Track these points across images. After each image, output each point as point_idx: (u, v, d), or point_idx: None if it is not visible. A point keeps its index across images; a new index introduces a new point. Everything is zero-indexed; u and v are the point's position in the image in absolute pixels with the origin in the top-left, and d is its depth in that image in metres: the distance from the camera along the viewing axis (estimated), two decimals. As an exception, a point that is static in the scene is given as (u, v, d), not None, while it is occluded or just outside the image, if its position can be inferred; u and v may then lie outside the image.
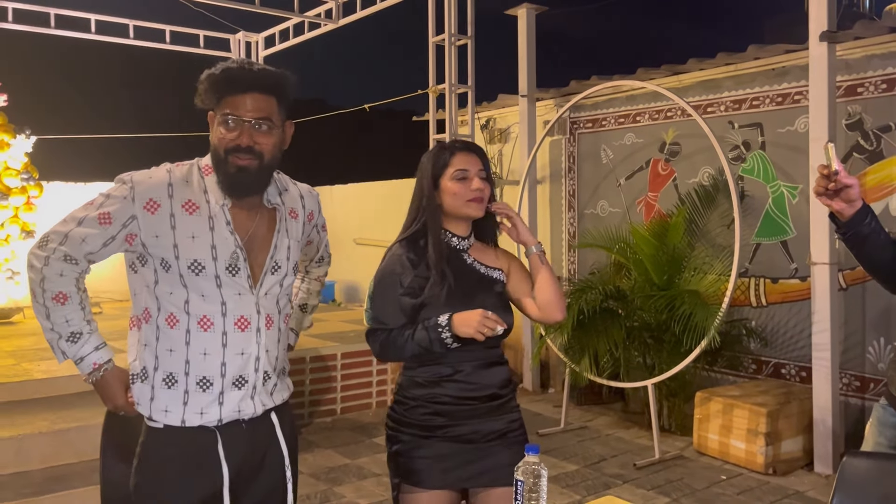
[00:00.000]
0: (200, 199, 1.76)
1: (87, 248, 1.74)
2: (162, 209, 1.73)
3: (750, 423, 4.49)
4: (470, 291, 2.05)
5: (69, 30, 8.60)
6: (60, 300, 1.74)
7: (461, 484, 2.06)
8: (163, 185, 1.75)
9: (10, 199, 7.76)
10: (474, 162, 2.08)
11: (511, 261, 2.22)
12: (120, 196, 1.74)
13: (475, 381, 2.04)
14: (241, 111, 1.72)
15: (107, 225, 1.73)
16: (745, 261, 5.43)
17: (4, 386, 4.47)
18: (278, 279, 1.86)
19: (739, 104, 5.54)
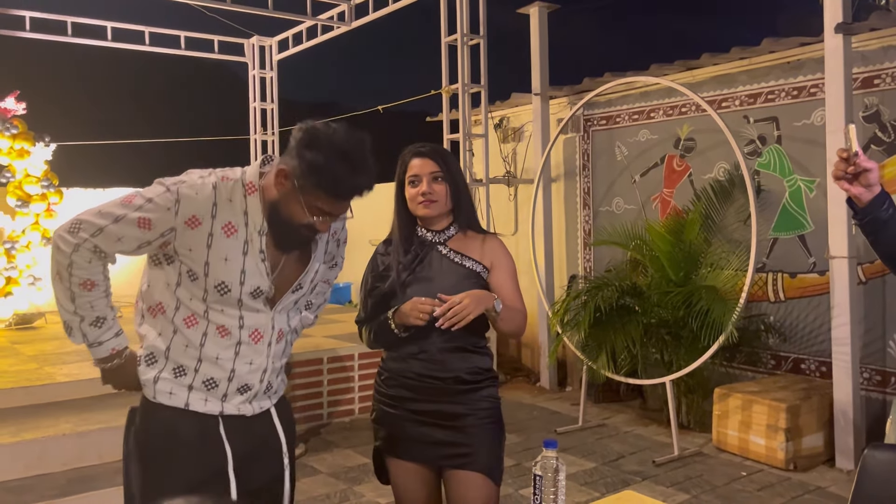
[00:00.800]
0: (240, 220, 1.75)
1: (120, 247, 1.75)
2: (202, 227, 1.72)
3: (770, 418, 4.46)
4: (439, 280, 2.20)
5: (86, 37, 8.71)
6: (88, 286, 1.76)
7: (431, 461, 2.22)
8: (208, 203, 1.73)
9: (31, 206, 7.87)
10: (426, 165, 2.23)
11: (496, 258, 2.29)
12: (163, 206, 1.71)
13: (439, 362, 2.18)
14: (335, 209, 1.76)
15: (146, 230, 1.71)
16: (763, 256, 5.39)
17: (28, 390, 4.54)
18: (295, 297, 1.91)
19: (754, 98, 5.51)
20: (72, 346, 6.63)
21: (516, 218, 7.53)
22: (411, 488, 2.26)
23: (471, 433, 2.19)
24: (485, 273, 2.27)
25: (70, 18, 8.48)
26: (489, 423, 2.23)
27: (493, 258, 2.29)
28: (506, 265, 2.30)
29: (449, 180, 2.25)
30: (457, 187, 2.27)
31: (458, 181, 2.28)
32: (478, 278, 2.25)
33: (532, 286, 6.90)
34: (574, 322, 5.30)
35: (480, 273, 2.26)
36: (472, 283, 2.22)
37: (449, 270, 2.24)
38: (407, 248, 2.27)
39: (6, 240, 7.80)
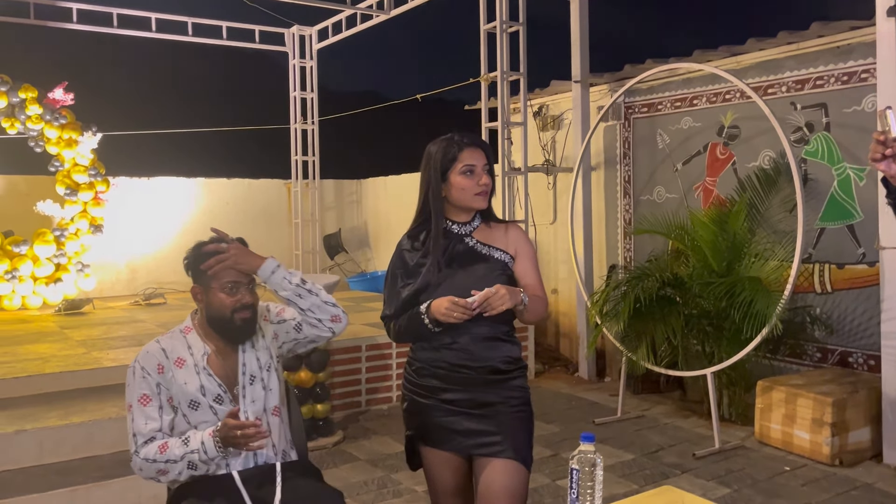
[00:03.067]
0: (185, 354, 2.28)
1: (152, 426, 2.21)
2: (167, 369, 2.25)
3: (815, 412, 4.36)
4: (469, 272, 2.23)
5: (131, 29, 8.88)
6: (164, 449, 2.18)
7: (462, 450, 2.25)
8: (158, 352, 2.27)
9: (79, 194, 8.07)
10: (480, 157, 2.25)
11: (519, 246, 2.31)
12: (139, 377, 2.24)
13: (472, 352, 2.21)
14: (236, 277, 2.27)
15: (149, 401, 2.22)
16: (809, 246, 5.26)
17: (76, 374, 4.67)
18: (259, 385, 2.32)
19: (802, 84, 5.35)
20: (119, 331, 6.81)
21: (555, 207, 7.47)
22: (443, 476, 2.30)
23: (501, 421, 2.21)
24: (511, 262, 2.29)
25: (116, 10, 8.65)
26: (519, 411, 2.26)
27: (517, 246, 2.31)
28: (528, 253, 2.33)
29: (493, 174, 2.30)
30: (493, 184, 2.31)
31: (487, 167, 2.30)
32: (505, 268, 2.27)
33: (571, 276, 6.85)
34: (614, 313, 5.24)
35: (507, 263, 2.28)
36: (499, 273, 2.24)
37: (477, 261, 2.26)
38: (438, 243, 2.26)
39: (55, 227, 8.03)
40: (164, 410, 2.24)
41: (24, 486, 3.64)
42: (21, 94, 7.70)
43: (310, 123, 10.04)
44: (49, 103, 7.88)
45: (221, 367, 2.30)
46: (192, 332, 2.33)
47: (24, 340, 5.89)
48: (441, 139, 2.32)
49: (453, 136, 2.30)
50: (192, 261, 2.30)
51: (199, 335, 2.32)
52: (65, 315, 7.44)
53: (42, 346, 5.61)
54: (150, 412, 2.22)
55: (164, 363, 2.26)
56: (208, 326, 2.32)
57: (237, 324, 2.27)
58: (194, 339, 2.32)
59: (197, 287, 2.30)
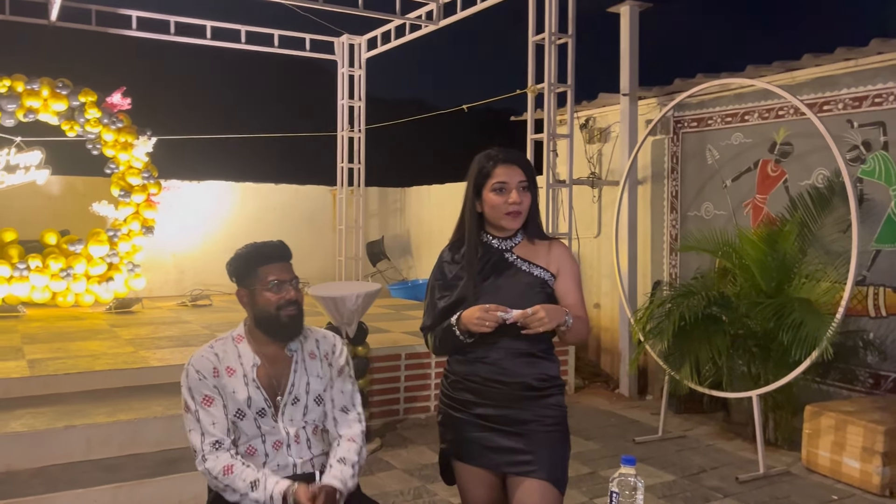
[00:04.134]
0: (236, 363, 2.30)
1: (220, 426, 2.24)
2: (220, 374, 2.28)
3: (865, 440, 4.22)
4: (508, 288, 2.20)
5: (187, 36, 9.11)
6: (228, 472, 2.20)
7: (494, 467, 2.22)
8: (212, 356, 2.29)
9: (133, 196, 8.30)
10: (514, 174, 2.19)
11: (562, 264, 2.27)
12: (195, 379, 2.26)
13: (505, 367, 2.18)
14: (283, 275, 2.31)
15: (212, 402, 2.25)
16: (863, 268, 5.10)
17: (124, 372, 4.79)
18: (300, 407, 2.33)
19: (860, 102, 5.21)
20: (166, 331, 6.98)
21: (600, 220, 7.40)
22: (475, 492, 2.28)
23: (535, 440, 2.18)
24: (551, 280, 2.25)
25: (173, 18, 8.88)
26: (554, 431, 2.22)
27: (560, 264, 2.27)
28: (571, 271, 2.28)
29: (532, 190, 2.24)
30: (535, 196, 2.26)
31: (535, 190, 2.26)
32: (545, 286, 2.24)
33: (614, 291, 6.77)
34: (657, 330, 5.16)
35: (548, 280, 2.24)
36: (539, 291, 2.21)
37: (517, 278, 2.24)
38: (473, 260, 2.26)
39: (109, 228, 8.26)
40: (227, 409, 2.26)
41: (71, 480, 3.74)
42: (81, 97, 7.96)
43: (356, 131, 10.15)
44: (107, 107, 8.13)
45: (269, 378, 2.32)
46: (244, 342, 2.35)
47: (75, 337, 6.07)
48: (482, 153, 2.30)
49: (492, 150, 2.27)
50: (238, 263, 2.32)
51: (250, 345, 2.34)
52: (115, 313, 7.65)
53: (92, 343, 5.77)
54: (214, 412, 2.24)
55: (218, 367, 2.28)
56: (257, 330, 2.33)
57: (283, 321, 2.28)
58: (245, 349, 2.33)
59: (242, 290, 2.32)
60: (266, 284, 2.27)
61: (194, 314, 7.69)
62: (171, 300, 8.71)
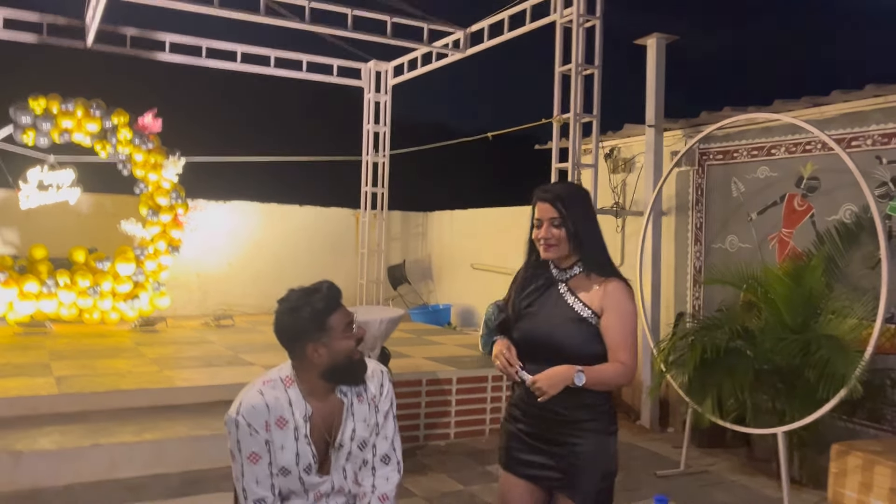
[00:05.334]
0: (287, 412, 2.17)
1: (264, 484, 2.15)
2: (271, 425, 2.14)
3: (894, 481, 4.14)
4: (545, 317, 2.35)
5: (218, 59, 9.29)
6: None
7: (531, 478, 2.39)
8: (263, 409, 2.14)
9: (160, 215, 8.42)
10: (546, 210, 2.35)
11: (610, 302, 2.31)
12: (246, 434, 2.12)
13: (522, 396, 2.39)
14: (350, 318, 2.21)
15: (259, 459, 2.13)
16: (893, 306, 5.04)
17: (149, 392, 4.85)
18: (344, 454, 2.25)
19: (889, 138, 5.19)
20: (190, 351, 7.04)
21: (623, 250, 7.39)
22: (508, 497, 2.46)
23: (568, 462, 2.33)
24: (592, 318, 2.30)
25: (205, 42, 9.07)
26: (588, 457, 2.33)
27: (608, 302, 2.30)
28: (619, 311, 2.30)
29: (567, 225, 2.31)
30: (577, 231, 2.32)
31: (578, 225, 2.32)
32: (583, 322, 2.30)
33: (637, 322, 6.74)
34: (680, 362, 5.13)
35: (588, 318, 2.30)
36: (575, 326, 2.29)
37: (558, 309, 2.33)
38: (527, 282, 2.44)
39: (136, 246, 8.38)
40: (273, 466, 2.16)
41: (96, 499, 3.78)
42: (114, 119, 8.13)
43: (381, 156, 10.25)
44: (138, 128, 8.29)
45: (321, 430, 2.21)
46: (294, 386, 2.20)
47: (101, 355, 6.14)
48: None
49: (539, 188, 2.42)
50: (305, 323, 2.14)
51: (302, 391, 2.19)
52: (140, 331, 7.73)
53: (118, 361, 5.84)
54: (259, 472, 2.14)
55: (269, 420, 2.15)
56: (323, 380, 2.19)
57: (357, 363, 2.21)
58: (296, 395, 2.19)
59: (317, 346, 2.14)
60: (342, 332, 2.16)
61: (217, 334, 7.76)
62: (195, 319, 8.79)
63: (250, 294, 9.38)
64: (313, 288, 2.19)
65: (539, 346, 2.33)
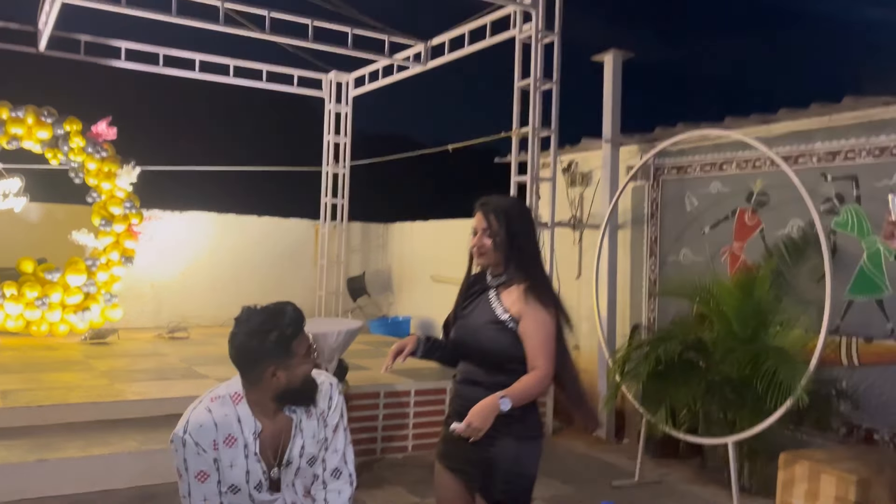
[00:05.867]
0: (236, 429, 2.14)
1: (213, 502, 2.13)
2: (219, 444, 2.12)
3: (838, 490, 4.25)
4: (472, 320, 2.51)
5: (176, 68, 9.17)
6: None
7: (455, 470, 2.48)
8: (211, 427, 2.11)
9: (114, 225, 8.25)
10: (479, 221, 2.49)
11: (525, 313, 2.42)
12: (193, 453, 2.09)
13: (460, 392, 2.53)
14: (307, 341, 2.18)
15: (207, 477, 2.11)
16: (837, 318, 5.20)
17: (98, 405, 4.73)
18: (292, 471, 2.24)
19: (833, 156, 5.37)
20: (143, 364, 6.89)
21: (580, 263, 7.48)
22: (441, 492, 2.54)
23: (484, 463, 2.41)
24: (511, 323, 2.42)
25: (163, 50, 8.96)
26: (500, 459, 2.40)
27: (525, 309, 2.42)
28: (534, 316, 2.41)
29: (496, 236, 2.45)
30: (506, 241, 2.45)
31: (508, 235, 2.44)
32: (503, 326, 2.43)
33: (594, 333, 6.81)
34: (634, 373, 5.20)
35: (506, 322, 2.43)
36: (497, 329, 2.43)
37: (482, 313, 2.50)
38: (468, 287, 2.60)
39: (88, 257, 8.19)
40: (221, 485, 2.14)
41: (40, 516, 3.67)
42: (66, 126, 7.96)
43: (341, 167, 10.22)
44: (91, 136, 8.13)
45: (269, 447, 2.19)
46: (243, 403, 2.16)
47: (49, 368, 5.98)
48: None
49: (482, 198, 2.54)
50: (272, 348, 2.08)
51: (252, 408, 2.16)
52: (90, 344, 7.54)
53: (67, 374, 5.69)
54: (207, 490, 2.12)
55: (217, 439, 2.11)
56: (275, 402, 2.16)
57: (310, 385, 2.19)
58: (244, 412, 2.15)
59: (277, 367, 2.09)
60: (303, 357, 2.13)
61: (172, 346, 7.62)
62: (149, 332, 8.61)
63: (207, 306, 9.22)
64: (277, 310, 2.11)
65: (468, 348, 2.51)
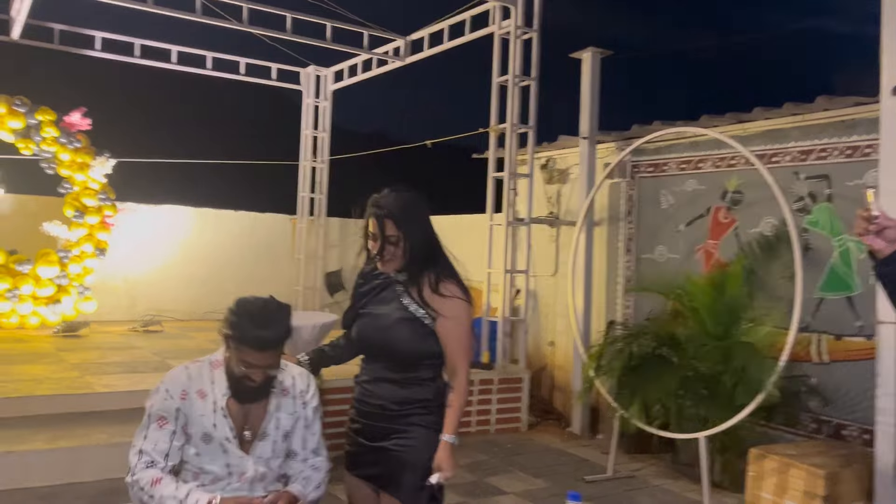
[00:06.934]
0: (208, 387, 2.29)
1: (160, 448, 2.20)
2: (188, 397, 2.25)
3: (807, 484, 4.31)
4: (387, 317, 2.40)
5: (152, 59, 9.05)
6: (157, 483, 2.16)
7: (367, 477, 2.43)
8: (185, 378, 2.28)
9: (87, 217, 8.14)
10: (373, 226, 2.39)
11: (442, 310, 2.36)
12: (161, 399, 2.25)
13: (369, 390, 2.43)
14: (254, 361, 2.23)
15: (166, 424, 2.22)
16: (807, 315, 5.26)
17: (68, 398, 4.67)
18: (269, 444, 2.32)
19: (806, 155, 5.43)
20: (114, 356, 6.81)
21: (557, 259, 7.51)
22: (353, 498, 2.49)
23: (394, 458, 2.35)
24: (427, 318, 2.37)
25: (138, 41, 8.84)
26: (412, 452, 2.34)
27: (442, 307, 2.37)
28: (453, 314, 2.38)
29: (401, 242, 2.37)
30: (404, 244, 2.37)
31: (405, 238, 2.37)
32: (417, 323, 2.37)
33: (569, 329, 6.85)
34: (608, 368, 5.23)
35: (421, 318, 2.37)
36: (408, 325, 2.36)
37: (391, 309, 2.40)
38: (365, 281, 2.48)
39: (60, 249, 8.08)
40: (176, 435, 2.23)
41: (5, 509, 3.62)
42: (38, 116, 7.84)
43: (319, 161, 10.17)
44: (65, 126, 8.01)
45: (240, 410, 2.31)
46: (220, 369, 2.32)
47: (18, 360, 5.89)
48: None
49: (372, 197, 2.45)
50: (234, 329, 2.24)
51: (232, 392, 2.30)
52: (62, 337, 7.44)
53: (36, 367, 5.61)
54: (161, 435, 2.22)
55: (188, 391, 2.27)
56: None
57: (243, 386, 2.27)
58: (220, 377, 2.31)
59: (229, 342, 2.26)
60: (240, 361, 2.24)
61: (145, 340, 7.53)
62: (122, 325, 8.51)
63: (181, 300, 9.12)
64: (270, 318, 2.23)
65: (374, 346, 2.43)
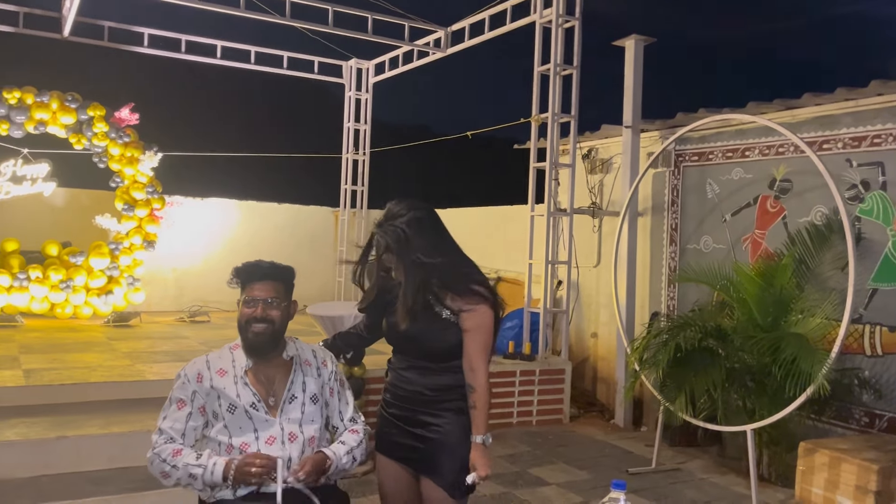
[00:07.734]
0: (228, 365, 2.46)
1: (177, 430, 2.37)
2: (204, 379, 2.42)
3: (859, 479, 4.20)
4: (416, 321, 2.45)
5: (198, 55, 9.22)
6: (178, 454, 2.31)
7: (404, 460, 2.52)
8: (203, 363, 2.46)
9: (136, 210, 8.34)
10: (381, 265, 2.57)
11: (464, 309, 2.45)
12: (180, 383, 2.43)
13: (405, 377, 2.53)
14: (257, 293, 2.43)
15: (184, 406, 2.39)
16: (860, 306, 5.11)
17: (120, 385, 4.80)
18: (298, 406, 2.45)
19: (859, 141, 5.26)
20: (162, 346, 6.98)
21: (599, 250, 7.43)
22: (384, 480, 2.58)
23: (433, 444, 2.45)
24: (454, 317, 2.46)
25: (184, 36, 9.01)
26: (450, 438, 2.44)
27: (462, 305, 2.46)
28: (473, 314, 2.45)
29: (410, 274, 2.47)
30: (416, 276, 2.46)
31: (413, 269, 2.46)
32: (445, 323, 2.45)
33: (612, 320, 6.78)
34: (653, 360, 5.16)
35: (448, 318, 2.46)
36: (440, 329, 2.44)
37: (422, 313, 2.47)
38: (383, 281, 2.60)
39: (111, 241, 8.30)
40: (192, 416, 2.39)
41: (60, 492, 3.73)
42: (89, 111, 8.04)
43: (361, 154, 10.23)
44: (115, 122, 8.21)
45: (260, 379, 2.46)
46: (239, 349, 2.50)
47: (72, 349, 6.07)
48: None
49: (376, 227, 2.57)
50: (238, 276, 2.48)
51: (245, 351, 2.49)
52: (113, 326, 7.65)
53: (89, 355, 5.77)
54: (179, 416, 2.39)
55: (204, 373, 2.43)
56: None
57: (249, 336, 2.43)
58: (239, 355, 2.49)
59: (236, 282, 2.50)
60: (244, 300, 2.44)
61: (192, 330, 7.70)
62: (170, 315, 8.71)
63: (226, 291, 9.16)
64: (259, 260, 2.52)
65: (405, 344, 2.54)
